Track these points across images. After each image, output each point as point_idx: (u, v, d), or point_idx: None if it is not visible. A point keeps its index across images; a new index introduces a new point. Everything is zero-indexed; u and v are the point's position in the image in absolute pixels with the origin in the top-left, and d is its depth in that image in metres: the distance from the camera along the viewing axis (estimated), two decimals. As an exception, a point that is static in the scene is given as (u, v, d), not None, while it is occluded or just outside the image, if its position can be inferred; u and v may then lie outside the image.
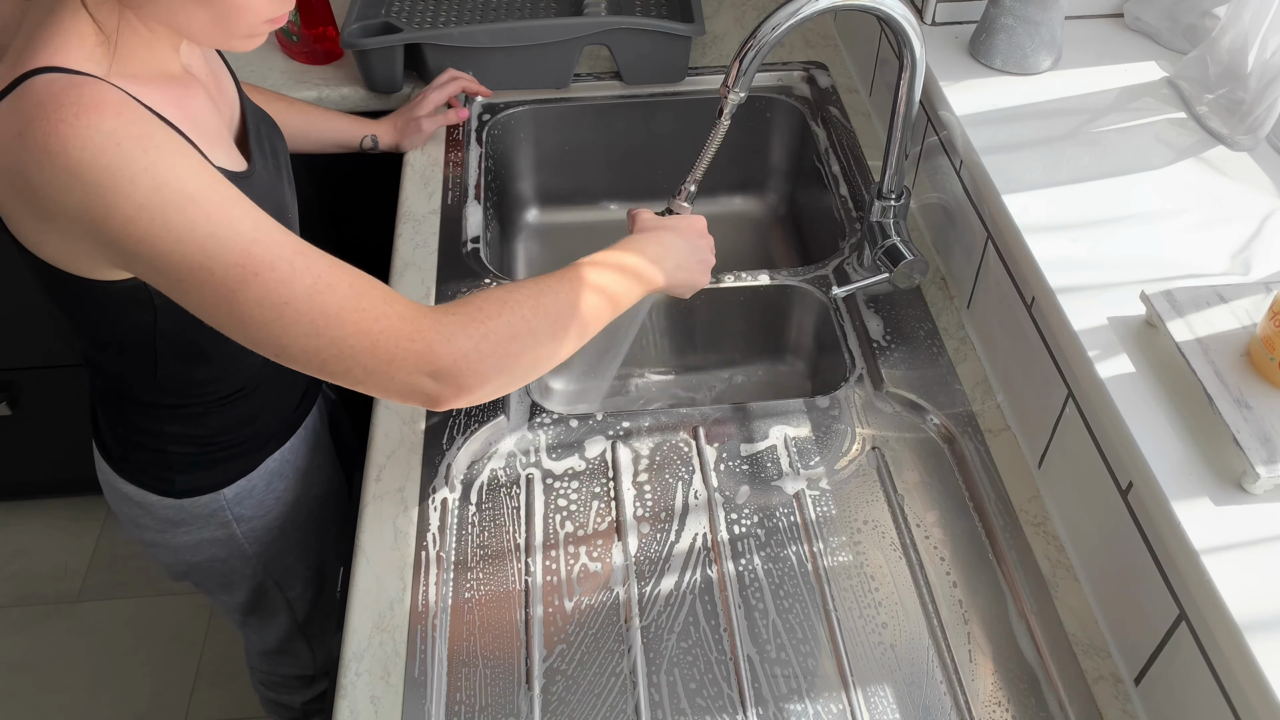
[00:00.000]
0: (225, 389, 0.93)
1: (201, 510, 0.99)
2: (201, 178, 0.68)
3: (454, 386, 0.74)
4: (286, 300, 0.69)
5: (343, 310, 0.70)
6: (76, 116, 0.65)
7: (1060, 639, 0.81)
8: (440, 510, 0.92)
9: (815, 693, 0.81)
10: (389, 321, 0.72)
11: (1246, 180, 0.95)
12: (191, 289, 0.69)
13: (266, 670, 1.32)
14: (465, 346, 0.73)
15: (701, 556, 0.90)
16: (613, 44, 1.36)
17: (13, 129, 0.66)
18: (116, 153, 0.65)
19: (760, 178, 1.50)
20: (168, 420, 0.93)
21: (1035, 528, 0.89)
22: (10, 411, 1.78)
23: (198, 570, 1.08)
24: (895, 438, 0.98)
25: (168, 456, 0.95)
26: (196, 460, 0.97)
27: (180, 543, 1.02)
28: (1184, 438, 0.73)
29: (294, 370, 0.74)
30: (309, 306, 0.70)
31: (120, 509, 1.03)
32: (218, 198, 0.68)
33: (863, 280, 1.08)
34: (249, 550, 1.06)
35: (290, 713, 1.39)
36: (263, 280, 0.68)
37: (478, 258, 1.17)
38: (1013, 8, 1.06)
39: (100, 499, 2.01)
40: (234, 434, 0.97)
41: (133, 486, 0.98)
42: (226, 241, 0.68)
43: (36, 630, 1.87)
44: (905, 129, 1.01)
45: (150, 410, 0.93)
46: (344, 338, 0.71)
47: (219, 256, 0.68)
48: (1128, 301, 0.83)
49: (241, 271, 0.68)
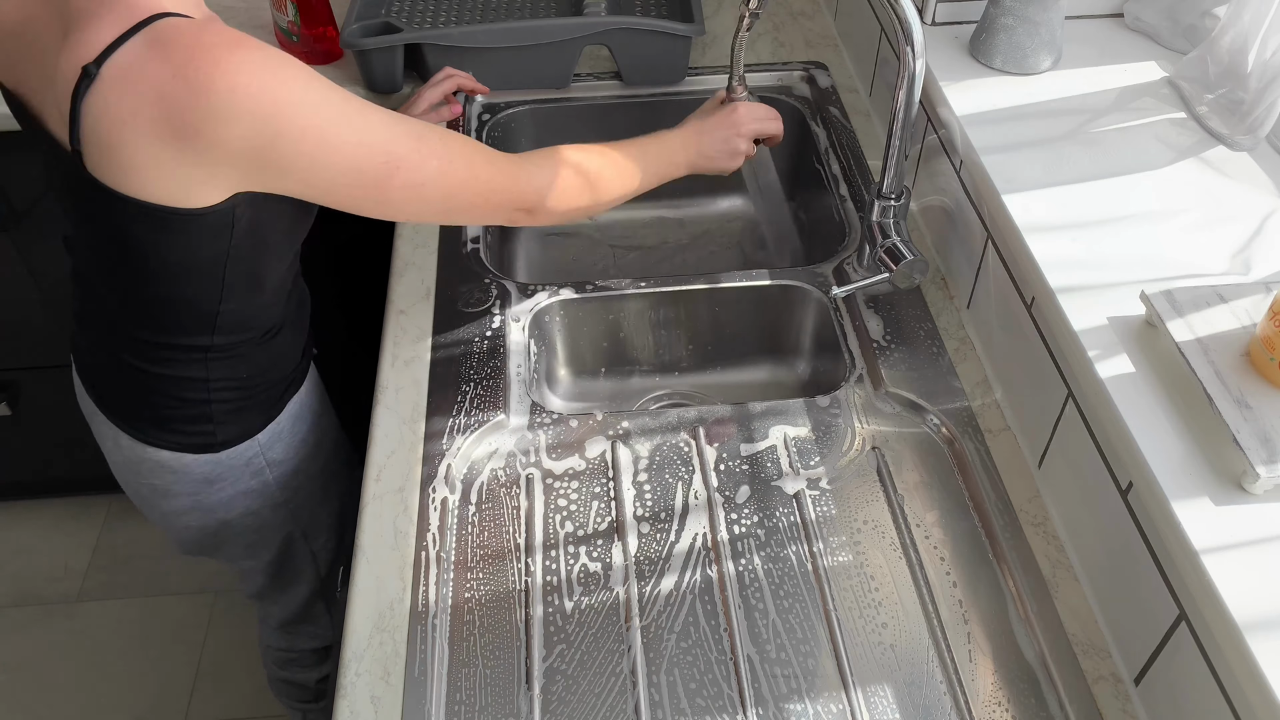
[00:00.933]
0: (267, 323, 0.99)
1: (237, 461, 1.04)
2: (336, 93, 0.79)
3: (536, 215, 0.96)
4: (423, 183, 0.85)
5: (464, 182, 0.88)
6: (230, 53, 0.73)
7: (1060, 639, 0.81)
8: (440, 510, 0.92)
9: (815, 693, 0.81)
10: (493, 177, 0.90)
11: (1246, 180, 0.95)
12: (341, 191, 0.82)
13: (283, 646, 1.34)
14: (543, 184, 0.94)
15: (701, 556, 0.90)
16: (613, 44, 1.36)
17: (164, 71, 0.73)
18: (278, 84, 0.75)
19: (760, 177, 1.50)
20: (215, 365, 0.97)
21: (1035, 528, 0.89)
22: (10, 411, 1.78)
23: (229, 530, 1.10)
24: (895, 438, 0.98)
25: (210, 408, 0.99)
26: (235, 408, 1.01)
27: (214, 501, 1.06)
28: (1184, 438, 0.73)
29: (301, 313, 0.96)
30: (440, 183, 0.86)
31: (147, 482, 1.05)
32: (352, 108, 0.81)
33: (863, 280, 1.08)
34: (279, 498, 1.10)
35: (303, 693, 1.41)
36: (403, 171, 0.83)
37: (478, 258, 1.17)
38: (1013, 8, 1.06)
39: (100, 499, 2.03)
40: (268, 375, 1.03)
41: (168, 453, 1.01)
42: (372, 145, 0.81)
43: (36, 630, 1.87)
44: (905, 129, 1.00)
45: (200, 358, 0.96)
46: (466, 198, 0.89)
47: (368, 159, 0.81)
48: (1128, 301, 0.83)
49: (385, 168, 0.82)
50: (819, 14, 1.58)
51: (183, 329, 0.93)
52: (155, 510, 1.09)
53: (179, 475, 1.03)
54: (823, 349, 1.15)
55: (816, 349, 1.17)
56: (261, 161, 0.77)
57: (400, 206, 0.87)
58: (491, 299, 1.11)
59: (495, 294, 1.12)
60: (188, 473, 1.03)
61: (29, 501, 2.06)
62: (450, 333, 1.07)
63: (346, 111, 0.80)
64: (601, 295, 1.13)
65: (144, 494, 1.07)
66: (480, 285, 1.13)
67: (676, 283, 1.14)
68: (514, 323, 1.08)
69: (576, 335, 1.16)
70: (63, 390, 1.80)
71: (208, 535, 1.11)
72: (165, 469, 1.02)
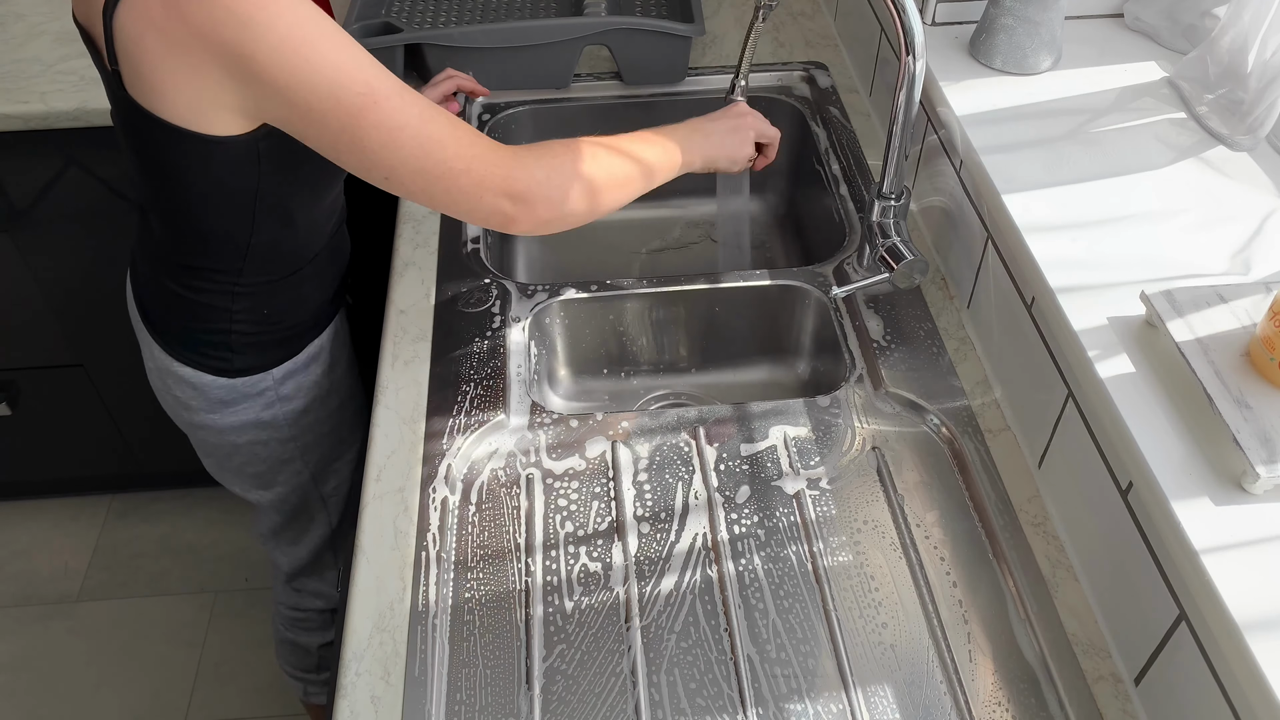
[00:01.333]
0: (296, 262, 1.03)
1: (251, 389, 1.08)
2: (324, 18, 0.79)
3: (527, 208, 0.88)
4: (401, 125, 0.81)
5: (445, 138, 0.83)
6: None
7: (1060, 639, 0.81)
8: (440, 510, 0.92)
9: (815, 693, 0.81)
10: (480, 149, 0.85)
11: (1246, 180, 0.95)
12: (318, 117, 0.80)
13: (292, 605, 1.37)
14: (540, 176, 0.88)
15: (701, 556, 0.90)
16: (613, 44, 1.36)
17: None
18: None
19: (760, 178, 1.50)
20: (240, 298, 1.01)
21: (1035, 528, 0.89)
22: (10, 411, 1.78)
23: (239, 456, 1.15)
24: (895, 438, 0.98)
25: (230, 338, 1.04)
26: (253, 341, 1.05)
27: (227, 424, 1.11)
28: (1184, 438, 0.73)
29: (335, 260, 0.97)
30: (419, 132, 0.82)
31: (172, 392, 1.11)
32: (339, 36, 0.80)
33: (863, 280, 1.08)
34: (287, 433, 1.14)
35: (305, 659, 1.43)
36: (381, 107, 0.80)
37: (478, 258, 1.17)
38: (1013, 8, 1.06)
39: (100, 499, 2.04)
40: (290, 315, 1.07)
41: (190, 370, 1.06)
42: (352, 72, 0.79)
43: (36, 630, 1.87)
44: (905, 129, 1.00)
45: (227, 289, 1.01)
46: (446, 160, 0.83)
47: (346, 85, 0.79)
48: (1128, 301, 0.83)
49: (363, 100, 0.80)
50: (819, 14, 1.58)
51: (214, 259, 0.98)
52: (180, 419, 1.15)
53: (199, 392, 1.08)
54: (823, 349, 1.15)
55: (816, 349, 1.17)
56: (246, 74, 0.78)
57: (374, 153, 0.82)
58: (491, 299, 1.11)
59: (495, 294, 1.12)
60: (206, 391, 1.08)
61: (29, 501, 2.06)
62: (450, 332, 1.07)
63: (330, 34, 0.79)
64: (602, 295, 1.13)
65: (169, 403, 1.14)
66: (480, 285, 1.13)
67: (676, 283, 1.14)
68: (514, 323, 1.08)
69: (577, 335, 1.16)
70: (63, 390, 1.81)
71: (222, 456, 1.16)
72: (187, 384, 1.08)
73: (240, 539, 1.99)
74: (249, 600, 1.90)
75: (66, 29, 1.56)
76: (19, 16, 1.59)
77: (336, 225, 1.09)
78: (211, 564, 1.96)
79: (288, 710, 1.75)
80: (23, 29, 1.56)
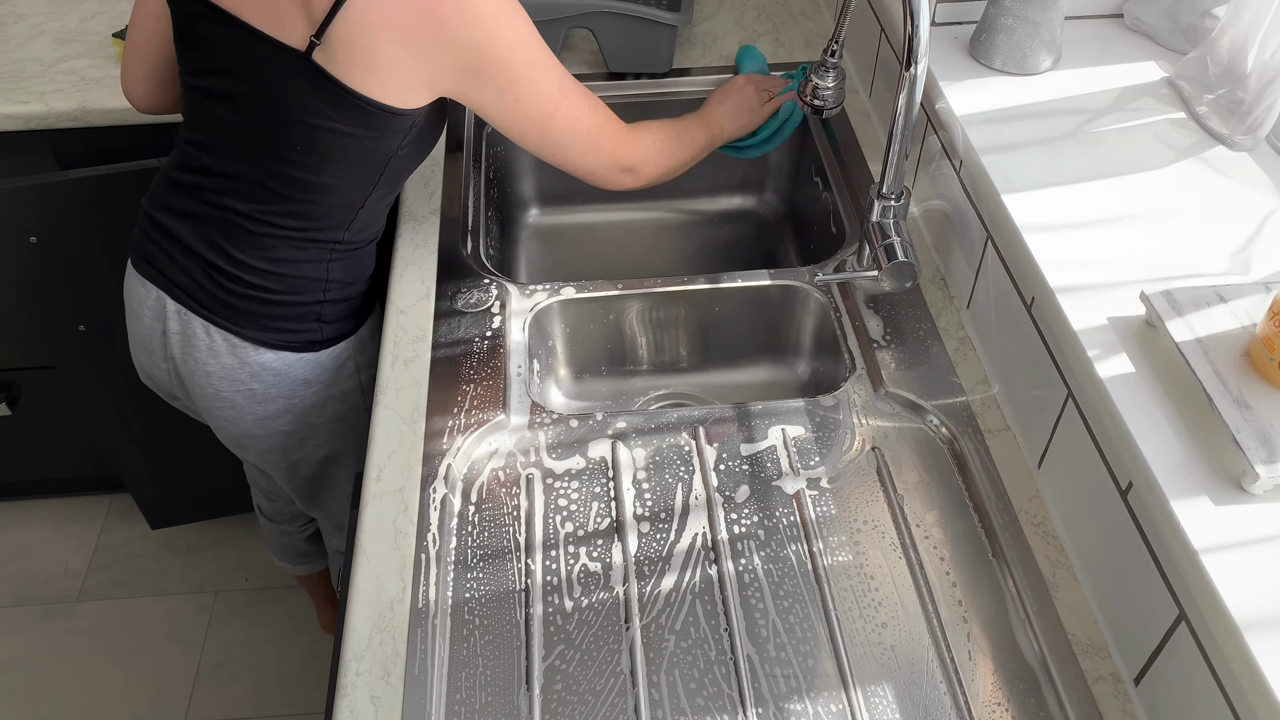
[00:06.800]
0: (377, 229, 1.13)
1: (334, 363, 1.15)
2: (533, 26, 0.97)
3: (635, 176, 1.12)
4: (579, 116, 1.03)
5: (602, 127, 1.06)
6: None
7: (1060, 639, 0.82)
8: (440, 510, 0.92)
9: (815, 693, 0.81)
10: (619, 135, 1.08)
11: (1246, 180, 0.95)
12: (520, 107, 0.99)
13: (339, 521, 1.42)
14: (650, 151, 1.12)
15: (701, 556, 0.90)
16: (596, 28, 1.36)
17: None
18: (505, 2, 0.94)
19: (760, 178, 1.50)
20: (335, 266, 1.10)
21: (1035, 528, 0.89)
22: (10, 411, 1.78)
23: (314, 436, 1.20)
24: (895, 438, 0.98)
25: (321, 308, 1.11)
26: (340, 311, 1.13)
27: (308, 404, 1.16)
28: (1184, 438, 0.73)
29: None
30: (590, 123, 1.04)
31: (247, 385, 1.12)
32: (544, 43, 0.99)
33: (850, 273, 1.08)
34: (363, 403, 1.20)
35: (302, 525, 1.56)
36: (569, 102, 1.02)
37: (478, 258, 1.17)
38: (1013, 8, 1.06)
39: (100, 499, 2.04)
40: (364, 281, 1.15)
41: (272, 353, 1.10)
42: (554, 70, 1.00)
43: (36, 630, 1.87)
44: (905, 130, 1.00)
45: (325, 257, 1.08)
46: (599, 144, 1.06)
47: (550, 81, 0.99)
48: (1128, 301, 0.83)
49: (559, 93, 1.01)
50: (819, 14, 1.58)
51: (326, 218, 1.05)
52: (247, 416, 1.15)
53: (281, 376, 1.12)
54: (823, 349, 1.15)
55: (816, 349, 1.17)
56: (477, 66, 0.95)
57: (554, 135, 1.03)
58: (491, 299, 1.11)
59: (495, 294, 1.12)
60: (289, 373, 1.12)
61: (29, 501, 2.06)
62: (450, 333, 1.07)
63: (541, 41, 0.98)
64: (602, 295, 1.13)
65: (238, 402, 1.14)
66: (480, 285, 1.13)
67: (676, 283, 1.14)
68: (514, 323, 1.08)
69: (577, 335, 1.16)
70: (63, 390, 1.81)
71: (293, 440, 1.19)
72: (269, 370, 1.11)
73: (240, 539, 1.99)
74: (249, 600, 1.90)
75: (66, 29, 1.56)
76: (19, 16, 1.59)
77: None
78: (211, 564, 1.96)
79: (288, 710, 1.75)
80: (23, 29, 1.56)
